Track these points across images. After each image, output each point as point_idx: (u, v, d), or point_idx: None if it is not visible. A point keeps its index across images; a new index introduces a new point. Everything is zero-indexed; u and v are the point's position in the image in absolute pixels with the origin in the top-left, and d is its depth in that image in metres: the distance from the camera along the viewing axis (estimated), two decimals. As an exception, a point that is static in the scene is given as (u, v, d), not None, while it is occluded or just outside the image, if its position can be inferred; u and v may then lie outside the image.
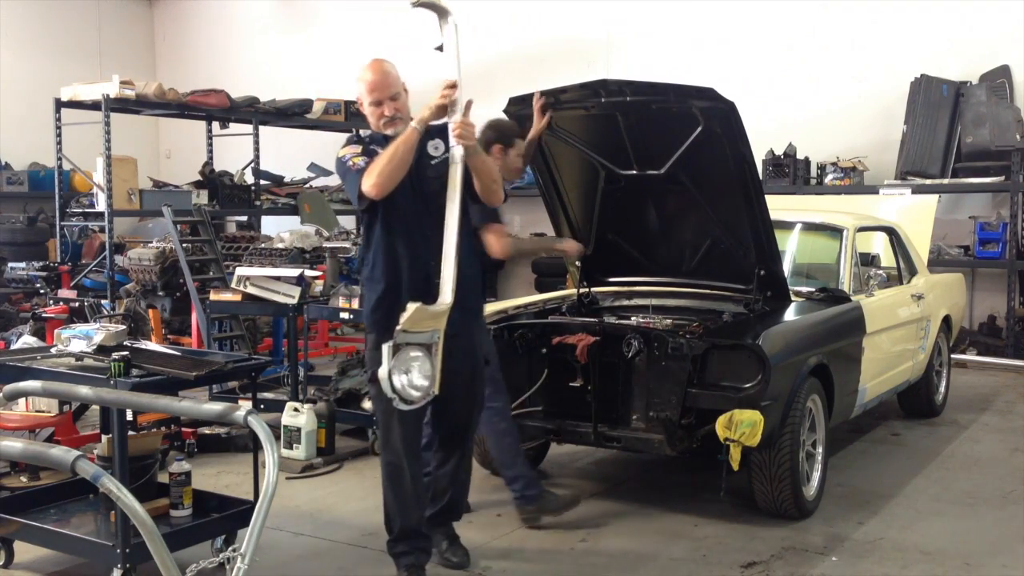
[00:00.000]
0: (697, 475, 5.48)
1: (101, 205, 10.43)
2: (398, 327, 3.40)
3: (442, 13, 4.10)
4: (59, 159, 10.85)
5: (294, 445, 5.77)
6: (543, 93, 4.97)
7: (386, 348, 3.38)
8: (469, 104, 3.78)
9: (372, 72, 3.86)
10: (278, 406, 6.10)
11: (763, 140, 9.63)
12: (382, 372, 3.38)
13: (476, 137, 3.79)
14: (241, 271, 6.72)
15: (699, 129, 4.74)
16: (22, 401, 5.36)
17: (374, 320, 3.95)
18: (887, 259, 6.62)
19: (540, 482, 4.83)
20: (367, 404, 6.24)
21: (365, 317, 4.00)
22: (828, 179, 10.06)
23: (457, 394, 3.91)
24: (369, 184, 3.71)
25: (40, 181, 13.00)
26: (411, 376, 3.42)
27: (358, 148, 3.88)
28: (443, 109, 3.74)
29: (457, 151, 3.74)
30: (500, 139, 4.68)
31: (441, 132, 3.87)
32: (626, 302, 5.56)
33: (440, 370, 3.52)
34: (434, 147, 3.89)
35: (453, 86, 3.80)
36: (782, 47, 10.96)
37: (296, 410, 5.85)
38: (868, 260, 6.19)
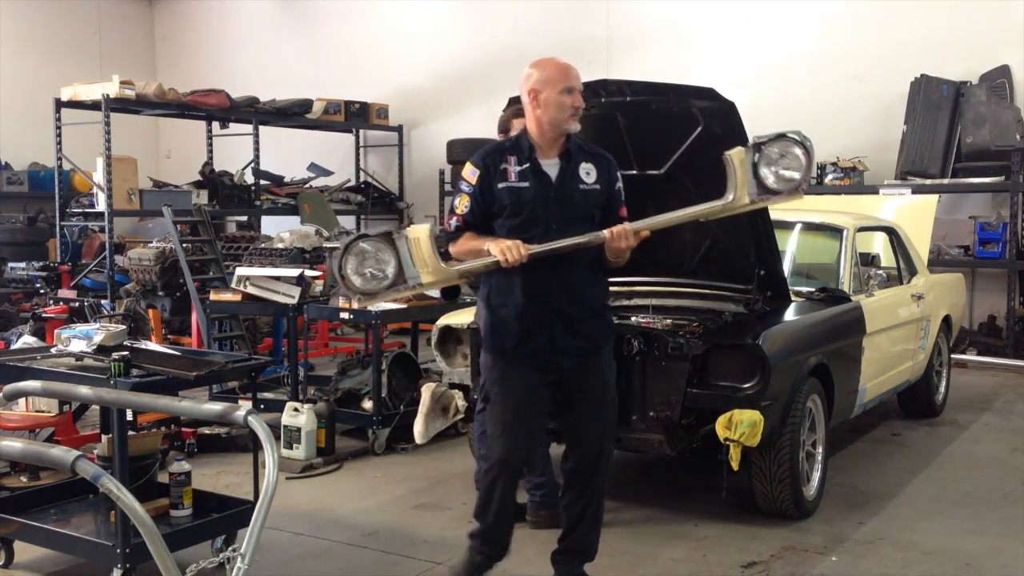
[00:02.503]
0: (697, 475, 5.48)
1: (101, 205, 10.44)
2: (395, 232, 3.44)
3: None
4: (59, 159, 10.86)
5: (294, 445, 5.77)
6: None
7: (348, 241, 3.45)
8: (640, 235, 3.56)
9: (554, 62, 3.57)
10: (278, 406, 6.10)
11: (763, 140, 9.61)
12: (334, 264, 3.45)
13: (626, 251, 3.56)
14: (241, 271, 6.72)
15: (699, 129, 4.73)
16: (22, 401, 5.36)
17: (489, 345, 3.73)
18: (887, 259, 6.62)
19: (558, 495, 4.76)
20: (367, 404, 6.25)
21: (483, 338, 3.77)
22: (828, 179, 10.06)
23: (586, 425, 3.74)
24: (450, 248, 3.64)
25: (40, 181, 13.01)
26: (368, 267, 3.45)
27: (473, 178, 3.57)
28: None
29: (598, 237, 3.50)
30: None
31: (594, 157, 3.64)
32: (626, 302, 5.55)
33: (575, 403, 3.63)
34: (586, 172, 3.60)
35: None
36: (782, 47, 10.96)
37: (296, 410, 5.85)
38: (868, 260, 6.20)
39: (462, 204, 3.57)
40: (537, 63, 3.58)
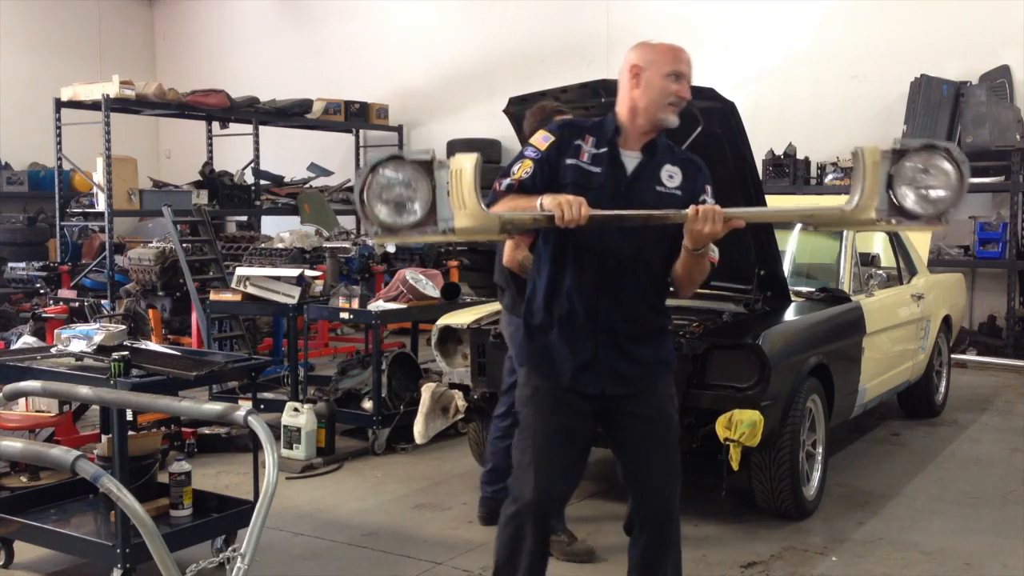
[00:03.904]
0: (697, 475, 5.47)
1: (101, 205, 10.45)
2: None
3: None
4: (59, 159, 10.86)
5: (294, 445, 5.77)
6: (542, 93, 4.87)
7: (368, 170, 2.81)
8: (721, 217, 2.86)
9: (666, 43, 3.07)
10: (278, 406, 6.10)
11: (763, 140, 9.63)
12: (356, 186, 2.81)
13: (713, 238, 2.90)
14: (241, 271, 6.72)
15: (699, 129, 4.73)
16: (22, 401, 5.36)
17: (521, 355, 3.24)
18: (887, 259, 6.62)
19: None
20: (367, 404, 6.25)
21: (516, 348, 3.29)
22: (828, 179, 10.07)
23: (649, 463, 3.14)
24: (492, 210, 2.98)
25: (40, 181, 13.02)
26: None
27: (544, 144, 3.05)
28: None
29: (679, 214, 2.87)
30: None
31: (683, 161, 3.11)
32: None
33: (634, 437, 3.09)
34: (669, 175, 3.06)
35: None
36: (782, 47, 10.96)
37: (296, 410, 5.85)
38: (868, 260, 6.19)
39: (523, 168, 3.00)
40: (646, 41, 3.10)
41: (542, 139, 3.07)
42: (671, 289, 3.14)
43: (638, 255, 3.02)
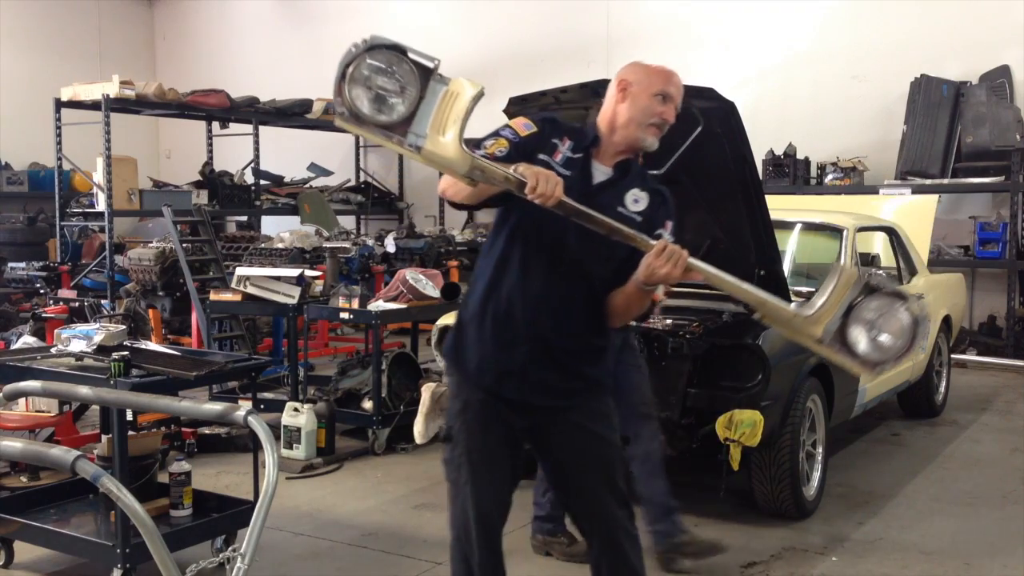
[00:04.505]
0: (697, 475, 5.47)
1: (101, 205, 10.44)
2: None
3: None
4: (59, 159, 10.86)
5: (294, 445, 5.77)
6: (542, 93, 4.87)
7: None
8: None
9: (661, 67, 3.01)
10: (278, 406, 6.10)
11: (763, 140, 9.63)
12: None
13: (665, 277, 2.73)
14: (241, 271, 6.72)
15: (699, 129, 4.73)
16: (22, 401, 5.36)
17: (445, 352, 3.09)
18: (887, 259, 6.62)
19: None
20: (367, 404, 6.25)
21: (444, 349, 3.15)
22: (828, 179, 10.07)
23: (583, 477, 2.98)
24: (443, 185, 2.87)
25: (40, 181, 13.02)
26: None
27: (524, 131, 2.91)
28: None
29: (647, 242, 2.74)
30: None
31: (652, 190, 2.96)
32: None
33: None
34: (634, 199, 2.92)
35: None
36: (782, 47, 10.96)
37: (296, 410, 5.85)
38: (868, 260, 6.19)
39: (497, 146, 2.86)
40: (640, 61, 3.04)
41: (523, 126, 2.95)
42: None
43: (584, 268, 2.87)
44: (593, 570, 3.05)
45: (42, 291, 9.80)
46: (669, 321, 4.95)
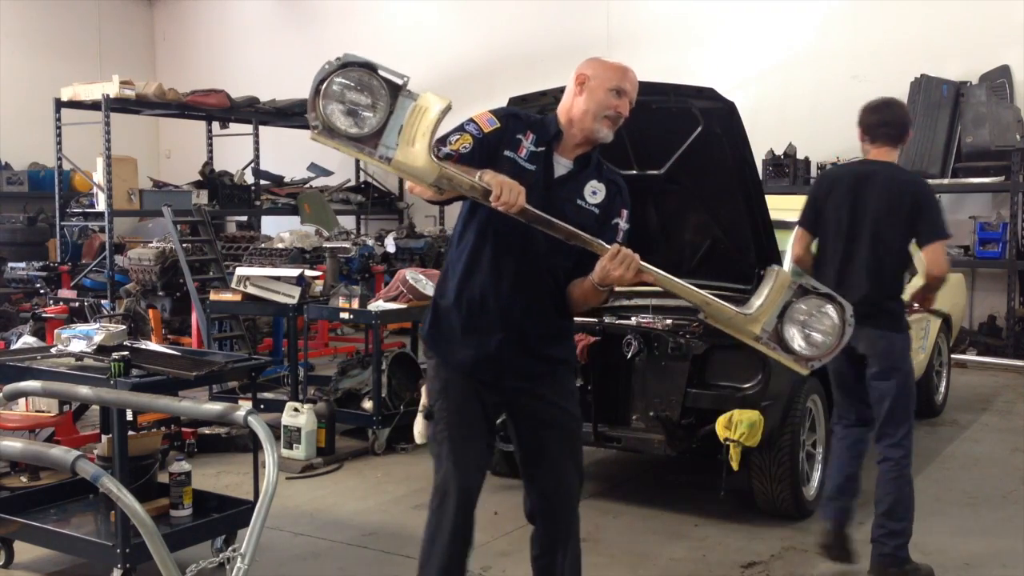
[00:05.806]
0: (697, 475, 5.47)
1: (101, 205, 10.45)
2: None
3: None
4: (59, 159, 10.86)
5: (294, 445, 5.77)
6: (542, 93, 4.87)
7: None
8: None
9: (618, 63, 3.15)
10: (278, 406, 6.10)
11: (763, 140, 9.63)
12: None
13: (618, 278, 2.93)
14: (241, 271, 6.73)
15: (699, 129, 4.73)
16: (22, 401, 5.36)
17: (425, 337, 3.25)
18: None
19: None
20: (367, 404, 6.25)
21: (422, 333, 3.31)
22: (828, 179, 10.05)
23: (550, 451, 3.20)
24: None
25: (40, 181, 13.02)
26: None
27: (488, 127, 3.07)
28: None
29: (601, 245, 2.92)
30: None
31: (609, 181, 3.13)
32: (626, 302, 5.55)
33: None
34: (592, 191, 3.08)
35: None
36: (782, 47, 10.96)
37: (296, 410, 5.85)
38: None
39: (461, 142, 2.99)
40: (598, 57, 3.20)
41: (487, 121, 3.10)
42: None
43: (550, 260, 3.05)
44: (528, 515, 3.30)
45: (42, 291, 9.81)
46: (669, 321, 4.95)
